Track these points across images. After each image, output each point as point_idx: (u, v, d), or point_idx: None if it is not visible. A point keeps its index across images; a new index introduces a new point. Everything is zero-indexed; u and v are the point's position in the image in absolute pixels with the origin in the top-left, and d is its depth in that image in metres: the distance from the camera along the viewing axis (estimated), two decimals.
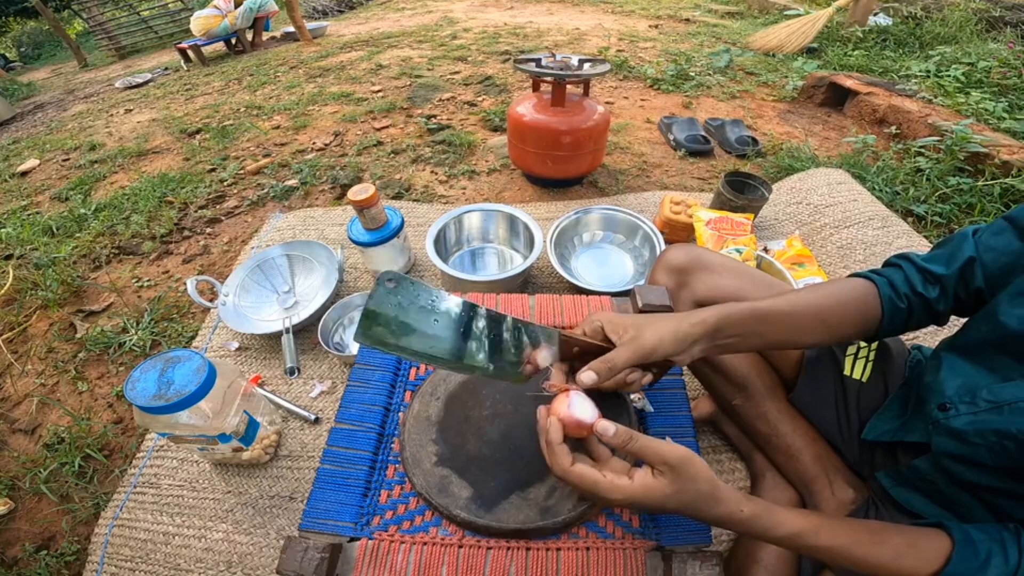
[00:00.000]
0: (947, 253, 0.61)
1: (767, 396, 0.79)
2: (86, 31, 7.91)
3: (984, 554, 0.45)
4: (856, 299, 0.61)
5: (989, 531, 0.47)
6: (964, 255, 0.59)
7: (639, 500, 0.47)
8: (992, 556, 0.45)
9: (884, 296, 0.61)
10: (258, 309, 1.33)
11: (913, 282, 0.61)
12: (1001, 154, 1.65)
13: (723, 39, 3.72)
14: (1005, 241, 0.57)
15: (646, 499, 0.47)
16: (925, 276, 0.61)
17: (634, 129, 2.27)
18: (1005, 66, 2.37)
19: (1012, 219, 0.57)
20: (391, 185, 1.93)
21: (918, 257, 0.63)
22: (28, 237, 1.89)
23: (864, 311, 0.61)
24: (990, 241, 0.58)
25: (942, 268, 0.60)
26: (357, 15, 6.31)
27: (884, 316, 0.61)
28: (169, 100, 3.51)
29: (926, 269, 0.61)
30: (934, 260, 0.61)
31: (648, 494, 0.46)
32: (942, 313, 0.62)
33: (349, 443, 0.68)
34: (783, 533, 0.48)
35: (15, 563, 0.98)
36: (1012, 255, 0.56)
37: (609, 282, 1.35)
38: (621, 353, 0.53)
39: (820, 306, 0.59)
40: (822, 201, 1.50)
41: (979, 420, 0.52)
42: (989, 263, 0.57)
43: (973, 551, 0.45)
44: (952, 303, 0.61)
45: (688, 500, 0.47)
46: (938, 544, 0.47)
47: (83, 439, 1.16)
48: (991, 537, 0.46)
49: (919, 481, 0.62)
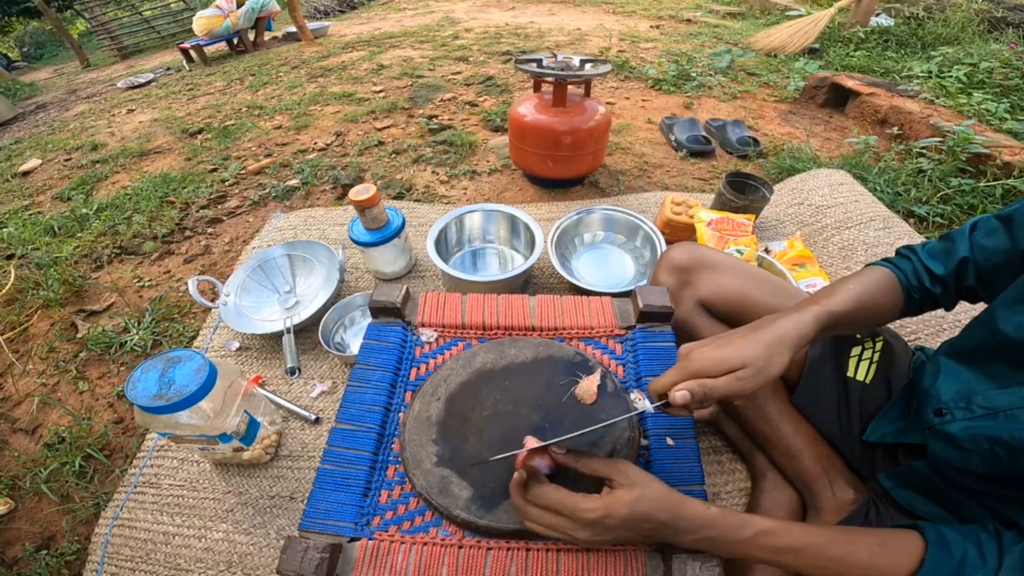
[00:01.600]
0: (945, 250, 0.63)
1: (769, 396, 0.79)
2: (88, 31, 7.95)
3: (959, 555, 0.45)
4: (888, 290, 0.63)
5: (965, 532, 0.47)
6: (958, 255, 0.61)
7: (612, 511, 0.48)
8: (967, 557, 0.45)
9: (904, 286, 0.64)
10: (259, 309, 1.33)
11: (921, 277, 0.63)
12: (1003, 155, 1.65)
13: (724, 40, 3.72)
14: (997, 241, 0.58)
15: (618, 509, 0.48)
16: (929, 274, 0.63)
17: (635, 129, 2.27)
18: (1007, 67, 2.36)
19: (1004, 218, 0.58)
20: (392, 185, 1.94)
21: (923, 251, 0.65)
22: (30, 237, 1.90)
23: (893, 300, 0.63)
24: (983, 241, 0.60)
25: (940, 268, 0.62)
26: (359, 15, 6.32)
27: (905, 304, 0.64)
28: (171, 100, 3.52)
29: (928, 267, 0.63)
30: (935, 258, 0.63)
31: (617, 503, 0.48)
32: (949, 303, 0.65)
33: (349, 443, 0.68)
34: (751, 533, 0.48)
35: (15, 563, 0.98)
36: (1003, 254, 0.57)
37: (610, 283, 1.35)
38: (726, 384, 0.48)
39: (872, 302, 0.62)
40: (823, 202, 1.50)
41: (974, 426, 0.52)
42: (982, 262, 0.59)
43: (947, 552, 0.45)
44: (953, 297, 0.64)
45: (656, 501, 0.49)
46: (911, 545, 0.47)
47: (84, 439, 1.16)
48: (966, 538, 0.46)
49: (920, 482, 0.63)
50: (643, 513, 0.48)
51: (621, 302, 0.85)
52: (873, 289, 0.62)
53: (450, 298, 0.85)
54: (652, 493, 0.49)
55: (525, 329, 0.81)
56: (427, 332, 0.82)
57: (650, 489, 0.49)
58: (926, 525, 0.48)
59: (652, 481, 0.51)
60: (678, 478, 0.63)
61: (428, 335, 0.81)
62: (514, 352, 0.75)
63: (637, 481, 0.50)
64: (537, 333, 0.81)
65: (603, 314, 0.83)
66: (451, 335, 0.82)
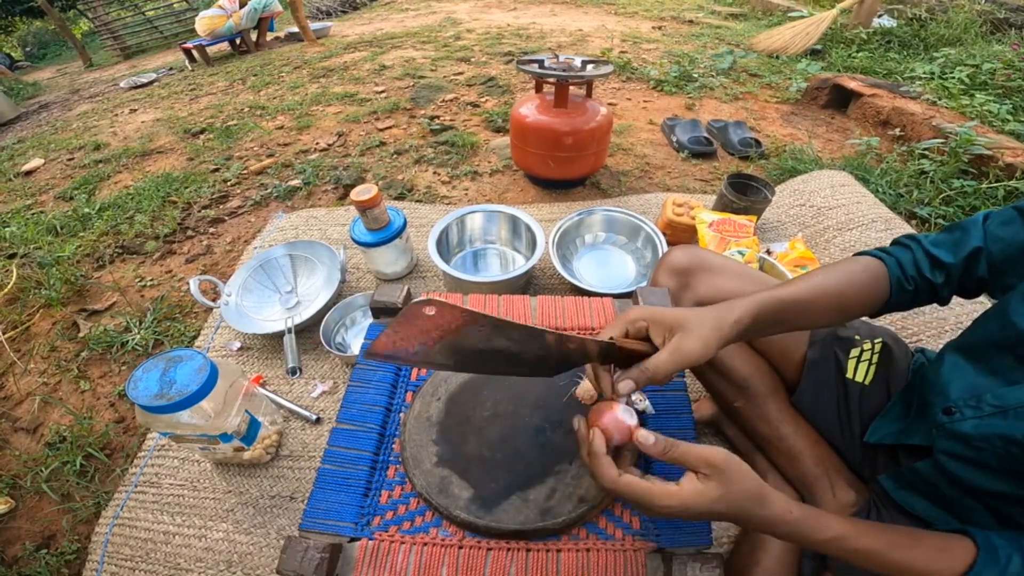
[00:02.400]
0: (954, 240, 0.60)
1: (768, 398, 0.79)
2: (91, 31, 7.97)
3: (1004, 559, 0.45)
4: (868, 280, 0.61)
5: (1009, 538, 0.47)
6: (971, 244, 0.58)
7: (691, 506, 0.46)
8: (1011, 561, 0.45)
9: (893, 277, 0.61)
10: (260, 309, 1.33)
11: (921, 266, 0.61)
12: (1005, 156, 1.64)
13: (726, 41, 3.72)
14: (1013, 231, 0.56)
15: (698, 504, 0.45)
16: (932, 261, 0.61)
17: (637, 130, 2.27)
18: (1010, 68, 2.35)
19: (1021, 210, 0.56)
20: (394, 186, 1.94)
21: (926, 240, 0.62)
22: (32, 236, 1.90)
23: (873, 292, 0.61)
24: (998, 231, 0.57)
25: (949, 256, 0.60)
26: (361, 16, 6.32)
27: (891, 296, 0.61)
28: (173, 100, 3.53)
29: (933, 255, 0.61)
30: (941, 246, 0.61)
31: (699, 499, 0.46)
32: (946, 297, 0.62)
33: (350, 443, 0.68)
34: (828, 536, 0.47)
35: (15, 562, 0.98)
36: (1019, 246, 0.55)
37: (611, 283, 1.35)
38: (663, 364, 0.49)
39: (836, 291, 0.59)
40: (825, 203, 1.49)
41: (984, 424, 0.52)
42: (996, 253, 0.57)
43: (995, 556, 0.45)
44: (956, 288, 0.61)
45: (738, 501, 0.46)
46: (964, 549, 0.47)
47: (84, 438, 1.16)
48: (1011, 544, 0.46)
49: (921, 484, 0.62)
50: (721, 511, 0.46)
51: (622, 303, 0.85)
52: (845, 280, 0.60)
53: (451, 299, 0.85)
54: (736, 495, 0.46)
55: None
56: None
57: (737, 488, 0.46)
58: (975, 531, 0.48)
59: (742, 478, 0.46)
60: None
61: None
62: None
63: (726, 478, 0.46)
64: None
65: (604, 315, 0.83)
66: None
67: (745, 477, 0.46)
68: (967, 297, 0.63)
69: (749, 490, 0.46)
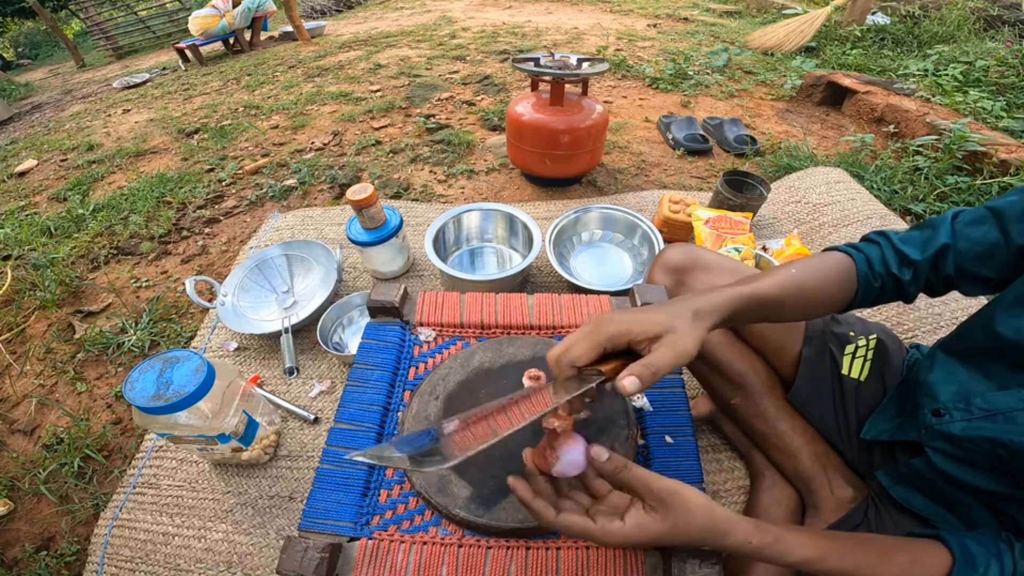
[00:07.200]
0: (924, 237, 0.60)
1: (765, 395, 0.79)
2: (83, 31, 7.89)
3: (983, 568, 0.45)
4: (836, 277, 0.60)
5: (986, 544, 0.47)
6: (939, 241, 0.58)
7: (635, 541, 0.45)
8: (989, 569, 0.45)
9: (860, 273, 0.60)
10: (257, 309, 1.32)
11: (889, 262, 0.60)
12: (999, 153, 1.65)
13: (721, 38, 3.72)
14: (983, 232, 0.56)
15: (641, 538, 0.45)
16: (901, 258, 0.60)
17: (633, 128, 2.27)
18: (1003, 65, 2.37)
19: (994, 210, 0.56)
20: (390, 184, 1.93)
21: (895, 236, 0.62)
22: (26, 237, 1.89)
23: (841, 288, 0.60)
24: (967, 230, 0.57)
25: (917, 253, 0.59)
26: (355, 14, 6.30)
27: (858, 292, 0.61)
28: (167, 100, 3.50)
29: (902, 252, 0.60)
30: (910, 242, 0.60)
31: (642, 533, 0.45)
32: (912, 294, 0.62)
33: (348, 443, 0.68)
34: (795, 560, 0.47)
35: (15, 564, 0.98)
36: (987, 246, 0.55)
37: (608, 281, 1.36)
38: (665, 358, 0.48)
39: (804, 286, 0.58)
40: (820, 200, 1.50)
41: (972, 427, 0.52)
42: (963, 251, 0.57)
43: (972, 565, 0.45)
44: (923, 286, 0.61)
45: (690, 535, 0.45)
46: (939, 560, 0.46)
47: (82, 440, 1.16)
48: (988, 551, 0.46)
49: (918, 480, 0.63)
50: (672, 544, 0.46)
51: (619, 301, 0.85)
52: (818, 275, 0.59)
53: (448, 297, 0.85)
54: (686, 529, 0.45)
55: (523, 328, 0.81)
56: (425, 331, 0.82)
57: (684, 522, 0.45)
58: (950, 538, 0.48)
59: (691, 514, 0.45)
60: (677, 476, 0.63)
61: (426, 334, 0.82)
62: (512, 351, 0.75)
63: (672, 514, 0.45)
64: (535, 332, 0.81)
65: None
66: (449, 334, 0.82)
67: (696, 512, 0.45)
68: (933, 296, 0.62)
69: (704, 525, 0.45)
